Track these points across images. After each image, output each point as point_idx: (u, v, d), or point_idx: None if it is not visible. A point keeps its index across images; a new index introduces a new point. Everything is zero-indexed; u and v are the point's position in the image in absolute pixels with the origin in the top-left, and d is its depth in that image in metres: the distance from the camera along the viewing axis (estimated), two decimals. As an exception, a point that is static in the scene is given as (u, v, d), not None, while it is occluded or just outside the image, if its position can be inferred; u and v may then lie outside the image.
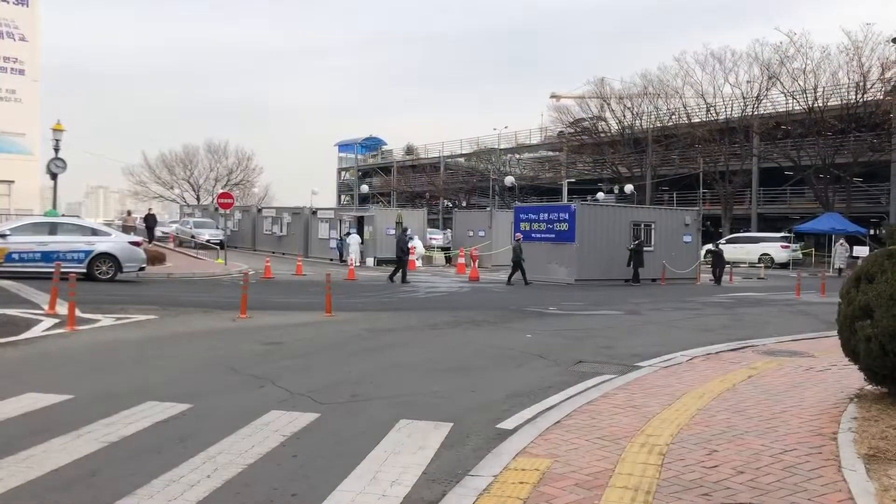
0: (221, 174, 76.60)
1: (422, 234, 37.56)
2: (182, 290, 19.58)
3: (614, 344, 11.63)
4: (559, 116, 58.62)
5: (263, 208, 47.39)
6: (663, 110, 51.19)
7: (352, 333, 12.25)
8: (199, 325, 12.87)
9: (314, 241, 39.19)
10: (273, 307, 15.97)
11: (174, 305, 15.40)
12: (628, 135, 52.84)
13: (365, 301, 18.35)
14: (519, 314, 15.84)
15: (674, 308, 17.98)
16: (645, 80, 51.98)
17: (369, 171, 78.56)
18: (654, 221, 28.39)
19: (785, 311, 17.88)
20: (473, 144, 66.51)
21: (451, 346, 11.20)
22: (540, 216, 27.59)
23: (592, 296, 21.56)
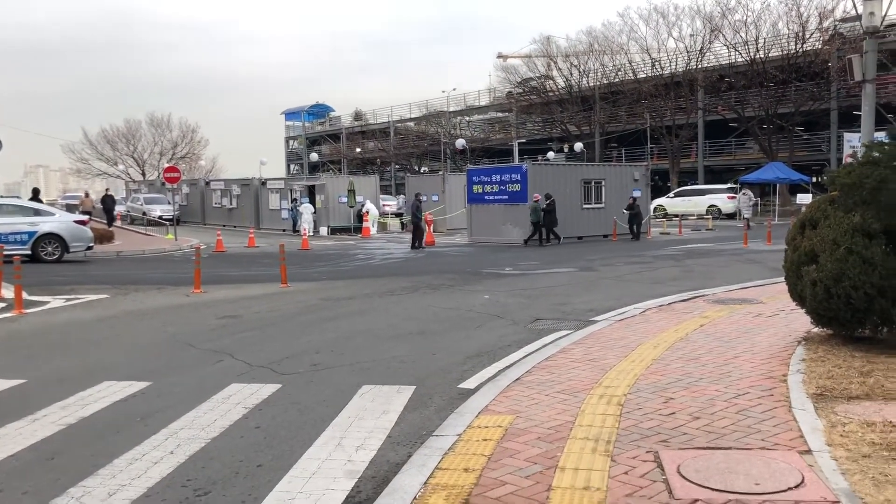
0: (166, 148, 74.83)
1: (375, 200, 37.32)
2: (133, 268, 19.19)
3: (570, 301, 11.77)
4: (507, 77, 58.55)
5: (211, 181, 46.48)
6: (609, 67, 51.42)
7: (309, 303, 12.19)
8: (153, 302, 12.66)
9: (265, 213, 38.67)
10: (227, 281, 15.77)
11: (125, 284, 15.10)
12: (576, 93, 53.02)
13: (320, 271, 18.24)
14: (476, 276, 15.92)
15: (626, 263, 18.24)
16: (590, 37, 52.11)
17: (318, 138, 77.50)
18: (604, 178, 28.66)
19: (733, 260, 18.31)
20: (423, 108, 66.04)
21: (409, 311, 11.22)
22: (492, 178, 27.62)
23: (547, 254, 21.74)
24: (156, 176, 65.43)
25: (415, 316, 10.69)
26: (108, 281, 15.64)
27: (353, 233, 34.00)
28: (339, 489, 4.41)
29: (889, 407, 5.41)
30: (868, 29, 11.45)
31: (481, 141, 59.35)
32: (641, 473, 4.37)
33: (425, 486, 4.28)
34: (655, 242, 25.80)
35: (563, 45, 54.80)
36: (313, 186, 36.05)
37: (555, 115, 54.25)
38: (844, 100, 41.48)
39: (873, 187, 6.39)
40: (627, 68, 49.99)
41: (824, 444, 4.70)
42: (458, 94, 65.16)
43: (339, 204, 35.36)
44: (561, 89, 54.24)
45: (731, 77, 45.56)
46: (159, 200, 41.44)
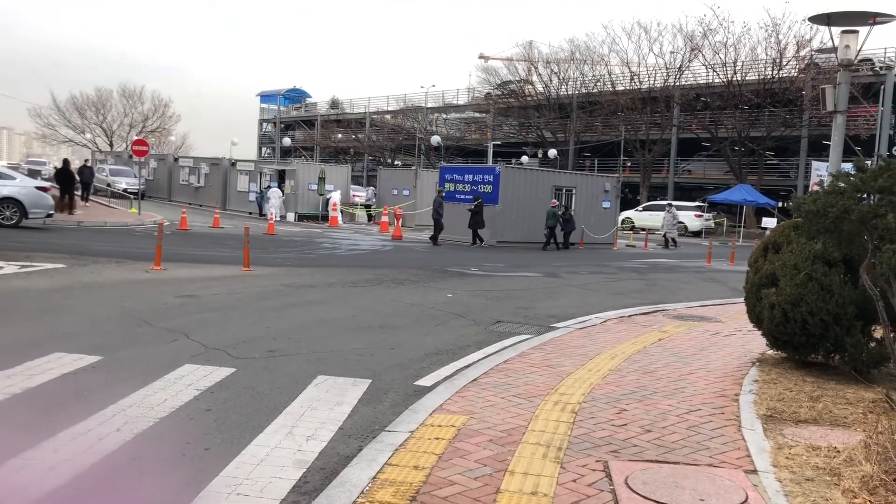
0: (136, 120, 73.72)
1: (345, 190, 37.15)
2: (93, 240, 18.84)
3: (532, 305, 11.82)
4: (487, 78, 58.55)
5: (180, 157, 45.82)
6: (589, 77, 51.76)
7: (270, 289, 12.08)
8: (111, 275, 12.44)
9: (233, 194, 38.21)
10: (188, 260, 15.56)
11: (84, 255, 14.83)
12: (554, 99, 53.27)
13: (285, 257, 18.09)
14: (441, 274, 15.91)
15: (591, 272, 18.36)
16: (572, 45, 52.49)
17: (292, 123, 76.83)
18: (576, 187, 28.84)
19: (696, 277, 18.55)
20: (400, 102, 65.84)
21: (372, 303, 11.18)
22: (465, 177, 27.64)
23: (513, 258, 21.81)
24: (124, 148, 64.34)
25: (377, 309, 10.65)
26: (67, 250, 15.34)
27: (321, 221, 33.78)
28: (287, 478, 4.37)
29: (835, 433, 5.52)
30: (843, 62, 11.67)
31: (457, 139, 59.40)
32: (590, 482, 4.40)
33: (374, 481, 4.26)
34: (621, 254, 26.04)
35: (545, 52, 55.22)
36: (284, 171, 35.74)
37: (531, 120, 54.44)
38: (815, 128, 42.28)
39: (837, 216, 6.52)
40: (606, 79, 50.37)
41: (770, 465, 4.78)
42: (437, 91, 65.11)
43: (309, 191, 35.12)
44: (539, 94, 54.47)
45: (707, 97, 46.18)
46: (125, 173, 40.74)
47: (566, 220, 26.08)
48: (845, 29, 11.68)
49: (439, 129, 60.19)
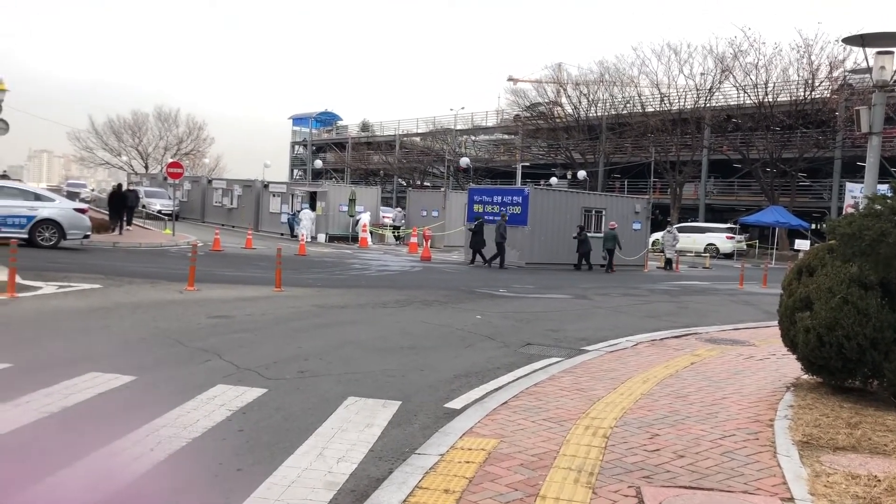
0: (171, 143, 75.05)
1: (375, 212, 37.42)
2: (128, 260, 19.15)
3: (562, 327, 11.75)
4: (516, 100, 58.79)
5: (214, 179, 46.55)
6: (618, 98, 51.69)
7: (302, 309, 12.16)
8: (145, 296, 12.62)
9: (265, 215, 38.67)
10: (221, 280, 15.74)
11: (119, 275, 15.07)
12: (583, 121, 53.25)
13: (316, 277, 18.21)
14: (470, 295, 15.90)
15: (621, 294, 18.23)
16: (602, 67, 52.43)
17: (323, 146, 77.69)
18: (605, 208, 28.71)
19: (728, 300, 18.32)
20: (430, 124, 66.28)
21: (401, 324, 11.20)
22: (494, 199, 27.66)
23: (542, 279, 21.72)
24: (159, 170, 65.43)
25: (406, 330, 10.66)
26: (102, 271, 15.59)
27: (351, 242, 34.01)
28: (318, 500, 4.37)
29: (875, 461, 5.38)
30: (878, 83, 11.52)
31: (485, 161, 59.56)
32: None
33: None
34: (652, 276, 25.80)
35: (574, 73, 55.17)
36: (315, 193, 36.11)
37: (560, 142, 54.42)
38: (849, 150, 41.67)
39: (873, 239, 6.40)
40: (636, 101, 50.26)
41: (807, 493, 4.67)
42: (466, 114, 65.52)
43: (340, 212, 35.41)
44: (568, 116, 54.48)
45: (738, 118, 45.82)
46: (160, 195, 41.43)
47: (581, 240, 25.94)
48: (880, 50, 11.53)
49: (468, 151, 60.40)
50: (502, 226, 25.21)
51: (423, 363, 8.45)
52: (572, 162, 53.58)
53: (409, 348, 9.30)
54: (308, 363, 8.07)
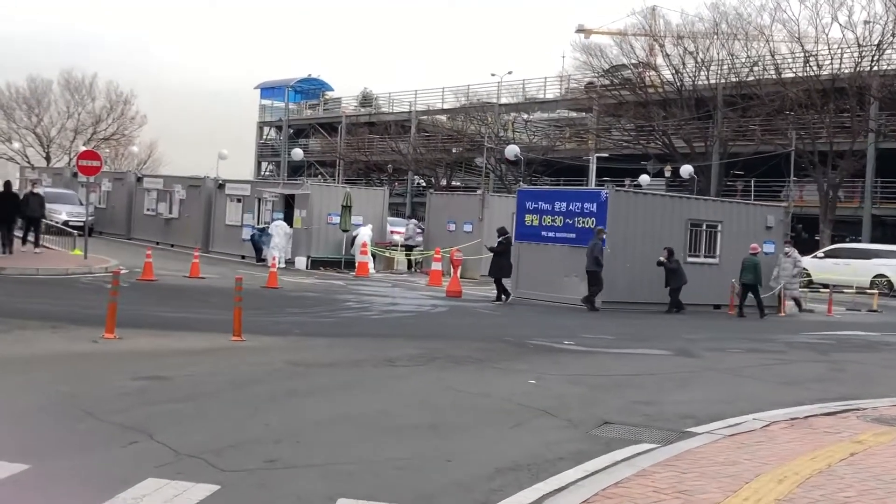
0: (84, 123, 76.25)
1: (380, 224, 37.52)
2: (19, 294, 19.37)
3: (656, 398, 11.67)
4: (588, 61, 58.76)
5: (145, 177, 47.17)
6: (741, 59, 51.52)
7: (271, 368, 12.17)
8: (43, 346, 12.73)
9: (219, 229, 38.97)
10: (154, 325, 15.84)
11: (6, 316, 15.23)
12: (688, 92, 53.12)
13: (292, 321, 18.25)
14: (518, 349, 15.83)
15: (745, 349, 18.04)
16: (716, 12, 52.34)
17: (305, 127, 78.37)
18: (721, 221, 28.48)
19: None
20: (461, 96, 66.58)
21: (417, 391, 11.19)
22: (555, 206, 27.63)
23: (627, 326, 21.56)
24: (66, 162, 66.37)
25: (425, 400, 10.64)
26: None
27: (344, 269, 34.16)
28: None
29: None
30: None
31: (543, 150, 59.57)
32: None
33: None
34: (792, 322, 25.53)
35: (675, 22, 55.25)
36: (293, 196, 36.34)
37: (655, 122, 54.31)
38: None
39: None
40: (768, 62, 50.06)
41: None
42: (515, 81, 65.62)
43: (328, 225, 35.57)
44: (666, 84, 54.41)
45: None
46: (67, 199, 41.93)
47: (671, 270, 25.71)
48: None
49: (518, 136, 60.53)
50: (598, 246, 25.03)
51: (450, 450, 8.41)
52: (672, 152, 53.44)
53: (428, 427, 9.27)
54: (280, 448, 8.07)
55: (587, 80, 59.63)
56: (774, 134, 50.14)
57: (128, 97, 77.68)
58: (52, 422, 8.56)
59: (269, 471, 7.38)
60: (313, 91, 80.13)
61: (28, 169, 62.42)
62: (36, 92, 75.69)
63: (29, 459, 7.16)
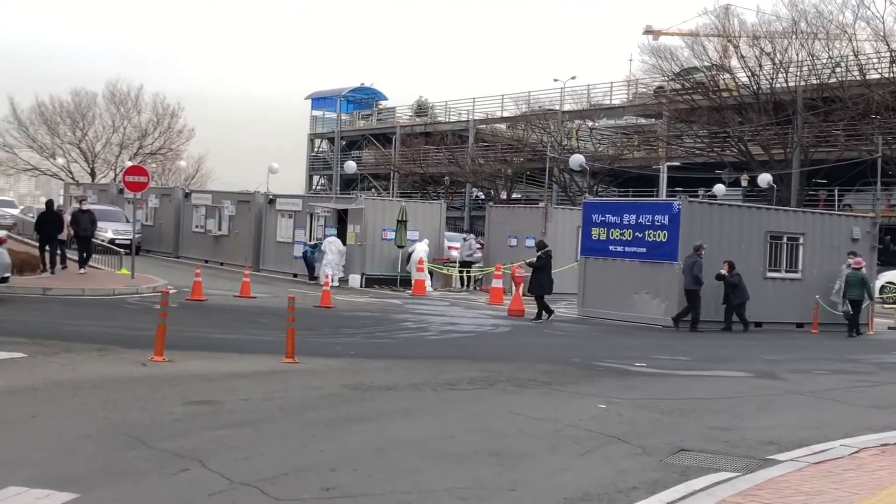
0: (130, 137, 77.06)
1: (437, 239, 37.54)
2: (65, 316, 19.69)
3: (735, 423, 11.58)
4: (657, 64, 58.37)
5: (193, 192, 47.64)
6: (822, 59, 50.92)
7: (326, 391, 12.26)
8: (90, 370, 12.93)
9: (270, 246, 39.30)
10: (204, 346, 16.03)
11: (52, 339, 15.49)
12: (765, 95, 52.58)
13: (347, 342, 18.35)
14: (586, 371, 15.79)
15: (831, 370, 17.87)
16: (794, 10, 51.73)
17: (358, 139, 78.76)
18: (804, 233, 28.16)
19: None
20: (522, 104, 66.53)
21: (479, 417, 11.19)
22: (623, 218, 27.50)
23: (702, 346, 21.39)
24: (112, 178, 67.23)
25: (487, 426, 10.63)
26: (27, 332, 16.07)
27: (400, 287, 34.25)
28: None
29: None
30: None
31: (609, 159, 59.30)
32: None
33: None
34: (880, 342, 25.16)
35: (751, 22, 54.65)
36: (345, 211, 36.53)
37: (730, 128, 53.79)
38: None
39: None
40: (851, 63, 49.40)
41: None
42: (579, 87, 65.31)
43: (383, 241, 35.69)
44: (742, 88, 53.90)
45: None
46: (113, 216, 42.49)
47: (731, 284, 25.33)
48: None
49: (582, 144, 60.33)
50: (697, 263, 24.89)
51: (514, 478, 8.39)
52: (749, 159, 52.88)
53: (490, 454, 9.25)
54: (336, 476, 8.11)
55: (656, 84, 59.26)
56: (859, 139, 49.39)
57: (175, 110, 78.25)
58: (100, 449, 8.69)
59: (325, 500, 7.43)
60: (366, 101, 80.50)
61: (73, 185, 63.41)
62: (80, 105, 76.45)
63: (78, 488, 7.28)
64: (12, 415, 9.92)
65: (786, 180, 50.66)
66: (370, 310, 26.25)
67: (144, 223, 43.98)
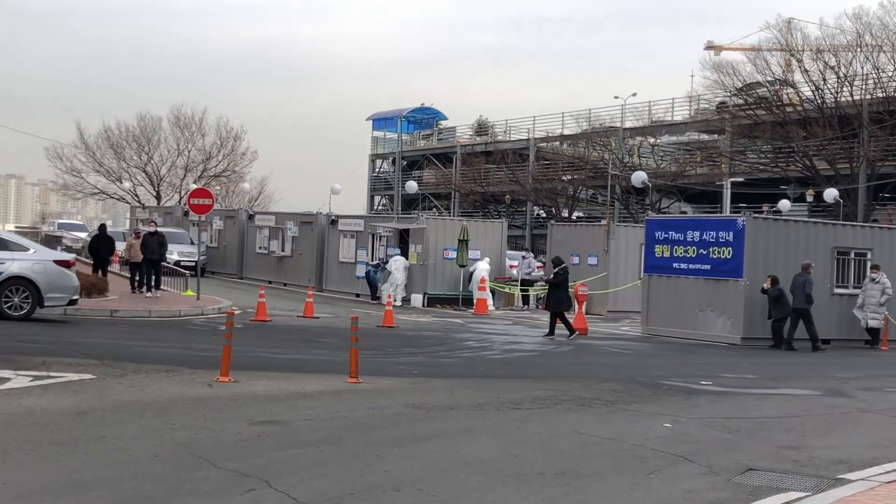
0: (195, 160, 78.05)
1: (498, 258, 37.55)
2: (133, 337, 19.95)
3: (804, 442, 11.46)
4: (719, 80, 57.93)
5: (257, 214, 48.19)
6: (888, 72, 50.30)
7: (390, 411, 12.30)
8: (158, 391, 13.08)
9: (332, 266, 39.60)
10: (269, 367, 16.16)
11: (120, 360, 15.71)
12: (830, 109, 52.00)
13: (410, 361, 18.41)
14: (651, 390, 15.69)
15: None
16: (859, 23, 51.14)
17: (418, 159, 79.04)
18: (872, 248, 27.78)
19: None
20: (582, 121, 66.42)
21: (543, 436, 11.16)
22: (687, 235, 27.32)
23: (770, 364, 21.16)
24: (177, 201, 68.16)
25: (552, 445, 10.60)
26: (96, 353, 16.31)
27: (462, 306, 34.27)
28: None
29: None
30: None
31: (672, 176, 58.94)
32: None
33: None
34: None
35: (814, 35, 54.09)
36: (407, 231, 36.68)
37: (794, 143, 53.26)
38: None
39: None
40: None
41: None
42: (640, 103, 65.10)
43: (445, 260, 35.75)
44: (806, 102, 53.36)
45: None
46: (178, 238, 43.04)
47: (772, 298, 24.85)
48: None
49: (644, 161, 60.06)
50: (809, 282, 24.65)
51: (581, 498, 8.37)
52: (814, 174, 52.26)
53: (556, 474, 9.22)
54: (401, 496, 8.13)
55: (718, 99, 58.84)
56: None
57: (238, 132, 79.21)
58: (168, 469, 8.78)
59: (391, 520, 7.44)
60: (426, 121, 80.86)
61: (139, 208, 64.42)
62: (146, 130, 77.64)
63: (146, 508, 7.37)
64: (82, 435, 10.06)
65: (852, 195, 50.02)
66: (433, 329, 26.29)
67: (209, 245, 44.54)
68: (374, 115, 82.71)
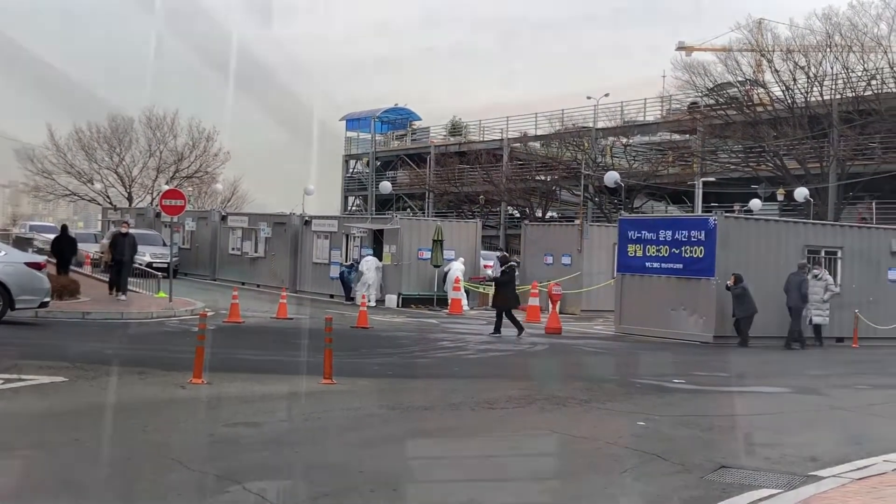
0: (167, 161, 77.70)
1: (472, 258, 37.58)
2: (105, 339, 19.82)
3: (777, 440, 11.50)
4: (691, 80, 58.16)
5: (230, 215, 47.95)
6: (858, 72, 50.65)
7: (364, 412, 12.30)
8: (130, 393, 13.00)
9: (307, 267, 39.46)
10: (242, 368, 16.10)
11: (93, 362, 15.60)
12: (800, 109, 52.31)
13: (384, 362, 18.37)
14: (625, 388, 15.73)
15: (873, 385, 17.73)
16: (828, 23, 51.44)
17: (392, 159, 79.02)
18: (842, 247, 27.97)
19: None
20: (555, 122, 66.54)
21: (517, 436, 11.18)
22: (659, 235, 27.40)
23: (742, 362, 21.24)
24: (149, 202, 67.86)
25: (525, 445, 10.64)
26: (68, 356, 16.19)
27: (436, 306, 34.27)
28: None
29: None
30: None
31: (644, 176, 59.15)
32: None
33: None
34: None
35: (784, 35, 54.34)
36: (381, 232, 36.64)
37: (765, 143, 53.54)
38: None
39: None
40: (887, 75, 49.12)
41: None
42: (613, 104, 65.21)
43: (419, 261, 35.74)
44: (776, 102, 53.65)
45: None
46: (150, 239, 42.78)
47: (736, 296, 24.96)
48: None
49: (617, 161, 60.25)
50: (805, 282, 24.75)
51: (556, 499, 8.41)
52: (784, 174, 52.54)
53: (530, 473, 9.28)
54: (375, 497, 8.14)
55: (690, 100, 59.11)
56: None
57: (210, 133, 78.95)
58: (142, 471, 8.74)
59: (365, 521, 7.44)
60: (400, 121, 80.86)
61: (111, 210, 64.09)
62: (118, 131, 77.32)
63: (120, 510, 7.33)
64: (55, 438, 10.00)
65: (822, 194, 50.36)
66: (407, 329, 26.27)
67: (182, 246, 44.26)
68: (348, 116, 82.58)
